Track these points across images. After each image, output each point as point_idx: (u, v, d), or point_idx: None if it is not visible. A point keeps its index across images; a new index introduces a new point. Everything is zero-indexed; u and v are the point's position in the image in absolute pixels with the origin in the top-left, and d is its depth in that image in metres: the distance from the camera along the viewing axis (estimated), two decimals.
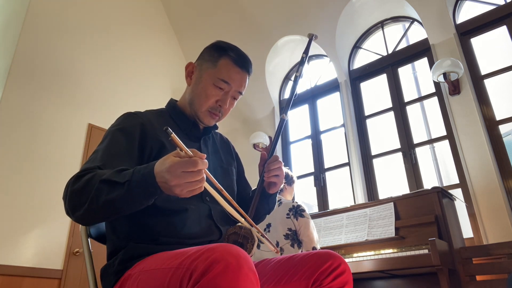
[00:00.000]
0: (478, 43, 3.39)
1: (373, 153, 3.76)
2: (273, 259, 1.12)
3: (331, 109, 4.44)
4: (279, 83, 4.76)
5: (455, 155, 3.17)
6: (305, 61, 1.27)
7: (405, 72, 4.42)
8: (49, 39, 3.57)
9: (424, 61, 3.71)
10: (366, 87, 4.10)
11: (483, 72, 3.24)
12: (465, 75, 3.18)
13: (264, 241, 0.99)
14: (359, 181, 3.61)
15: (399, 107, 3.69)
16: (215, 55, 1.17)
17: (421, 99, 3.94)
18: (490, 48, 4.14)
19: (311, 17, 4.11)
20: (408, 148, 3.50)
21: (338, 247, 2.76)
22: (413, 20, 3.86)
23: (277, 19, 4.30)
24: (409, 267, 2.35)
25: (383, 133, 4.43)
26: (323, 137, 4.24)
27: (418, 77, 5.44)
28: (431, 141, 3.97)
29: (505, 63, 3.16)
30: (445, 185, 3.58)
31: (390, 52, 3.93)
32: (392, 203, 2.71)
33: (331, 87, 4.28)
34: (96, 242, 1.21)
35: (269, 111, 4.59)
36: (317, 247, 2.37)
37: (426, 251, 2.31)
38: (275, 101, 4.63)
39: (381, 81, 3.96)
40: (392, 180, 4.41)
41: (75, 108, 3.59)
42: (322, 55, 4.46)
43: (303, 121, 4.50)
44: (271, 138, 4.33)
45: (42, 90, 3.40)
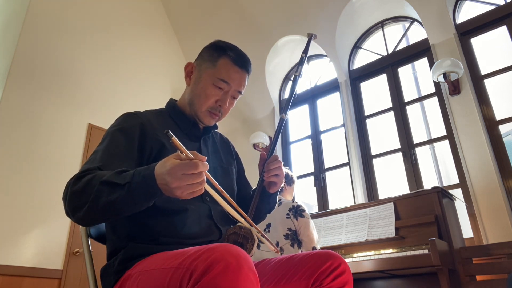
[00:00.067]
0: (478, 43, 3.39)
1: (373, 153, 3.75)
2: (273, 259, 1.12)
3: (331, 109, 4.44)
4: (279, 83, 4.76)
5: (455, 155, 3.17)
6: (305, 60, 1.27)
7: (405, 72, 4.42)
8: (49, 39, 3.57)
9: (424, 61, 3.71)
10: (366, 87, 4.10)
11: (483, 72, 3.23)
12: (465, 75, 3.18)
13: (264, 241, 0.99)
14: (359, 181, 3.61)
15: (399, 107, 3.69)
16: (215, 55, 1.17)
17: (421, 99, 3.93)
18: (490, 48, 4.14)
19: (311, 17, 4.11)
20: (408, 148, 3.49)
21: (338, 247, 2.76)
22: (413, 20, 3.86)
23: (277, 19, 4.29)
24: (409, 267, 2.35)
25: (383, 133, 4.43)
26: (323, 137, 4.23)
27: (418, 77, 5.44)
28: (431, 141, 3.97)
29: (505, 63, 3.16)
30: (445, 185, 3.58)
31: (390, 52, 3.93)
32: (392, 203, 2.71)
33: (331, 87, 4.28)
34: (96, 242, 1.21)
35: (269, 111, 4.59)
36: (317, 247, 2.37)
37: (426, 251, 2.31)
38: (275, 101, 4.63)
39: (381, 81, 3.95)
40: (392, 180, 4.41)
41: (75, 108, 3.59)
42: (322, 55, 4.46)
43: (303, 121, 4.50)
44: (271, 138, 4.33)
45: (42, 90, 3.40)
